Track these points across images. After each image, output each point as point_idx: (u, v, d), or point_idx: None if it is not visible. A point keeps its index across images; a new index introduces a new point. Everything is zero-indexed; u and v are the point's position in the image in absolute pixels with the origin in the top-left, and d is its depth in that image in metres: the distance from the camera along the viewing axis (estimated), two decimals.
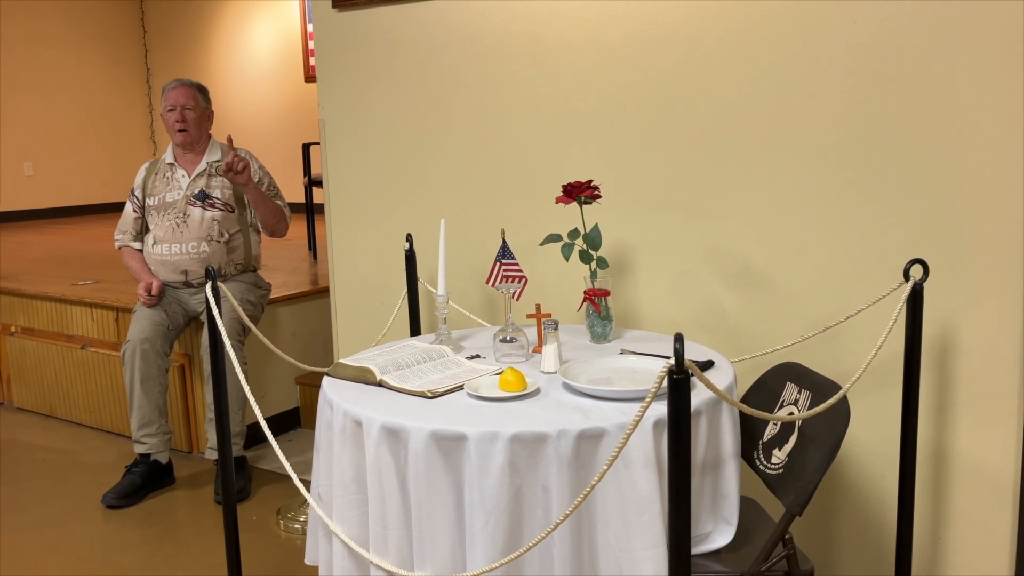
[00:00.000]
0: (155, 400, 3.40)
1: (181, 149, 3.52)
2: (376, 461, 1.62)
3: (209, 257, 3.40)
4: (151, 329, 3.36)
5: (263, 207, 3.40)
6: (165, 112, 3.48)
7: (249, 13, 8.56)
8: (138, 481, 3.31)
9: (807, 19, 2.12)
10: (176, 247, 3.40)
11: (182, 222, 3.40)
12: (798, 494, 1.66)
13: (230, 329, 3.34)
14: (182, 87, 3.47)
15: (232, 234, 3.45)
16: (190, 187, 3.45)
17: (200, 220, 3.40)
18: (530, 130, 2.57)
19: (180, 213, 3.41)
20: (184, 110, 3.44)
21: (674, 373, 1.30)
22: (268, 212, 3.42)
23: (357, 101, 2.89)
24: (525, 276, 2.13)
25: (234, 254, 3.46)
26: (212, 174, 3.47)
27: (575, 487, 1.54)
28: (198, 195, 3.43)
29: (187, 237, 3.39)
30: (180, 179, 3.47)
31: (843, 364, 2.18)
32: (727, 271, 2.32)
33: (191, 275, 3.43)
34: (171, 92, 3.47)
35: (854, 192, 2.12)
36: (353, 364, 1.89)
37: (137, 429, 3.37)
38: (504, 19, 2.55)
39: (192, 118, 3.45)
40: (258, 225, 3.54)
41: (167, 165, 3.52)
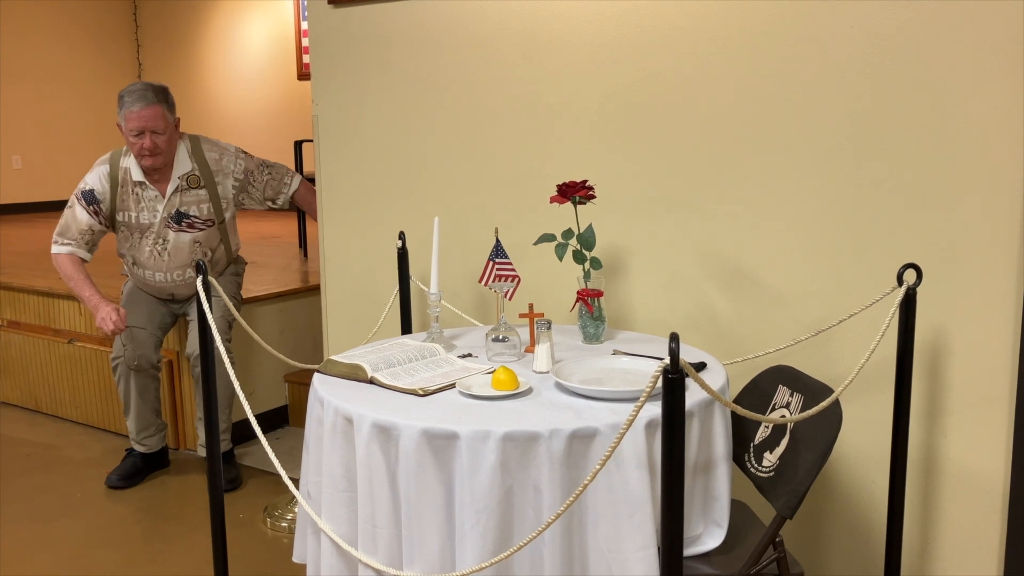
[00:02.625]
0: (151, 405, 3.39)
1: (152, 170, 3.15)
2: (366, 459, 1.61)
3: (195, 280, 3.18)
4: (141, 342, 3.28)
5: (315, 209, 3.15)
6: (128, 135, 3.03)
7: (242, 9, 8.53)
8: (139, 463, 3.41)
9: (803, 23, 2.12)
10: (160, 275, 3.23)
11: (162, 249, 3.18)
12: (789, 497, 1.65)
13: (220, 327, 3.26)
14: (148, 107, 2.99)
15: (215, 248, 3.28)
16: (166, 208, 3.15)
17: (182, 246, 3.19)
18: (525, 129, 2.57)
19: (159, 238, 3.18)
20: (153, 136, 3.02)
21: (669, 373, 1.29)
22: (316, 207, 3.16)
23: (351, 98, 2.87)
24: (518, 275, 2.12)
25: (219, 265, 3.34)
26: (185, 188, 3.16)
27: (566, 487, 1.53)
28: (175, 217, 3.15)
29: (171, 265, 3.21)
30: (153, 201, 3.15)
31: (836, 368, 2.18)
32: (720, 273, 2.32)
33: (179, 295, 3.33)
34: (135, 114, 2.99)
35: (848, 196, 2.12)
36: (344, 361, 1.88)
37: (136, 433, 3.39)
38: (499, 18, 2.55)
39: (163, 141, 3.05)
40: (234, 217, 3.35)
41: (135, 183, 3.15)
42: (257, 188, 3.29)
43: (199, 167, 3.17)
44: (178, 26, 9.09)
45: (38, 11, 8.68)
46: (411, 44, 2.72)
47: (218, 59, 8.82)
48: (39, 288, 4.22)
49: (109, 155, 3.21)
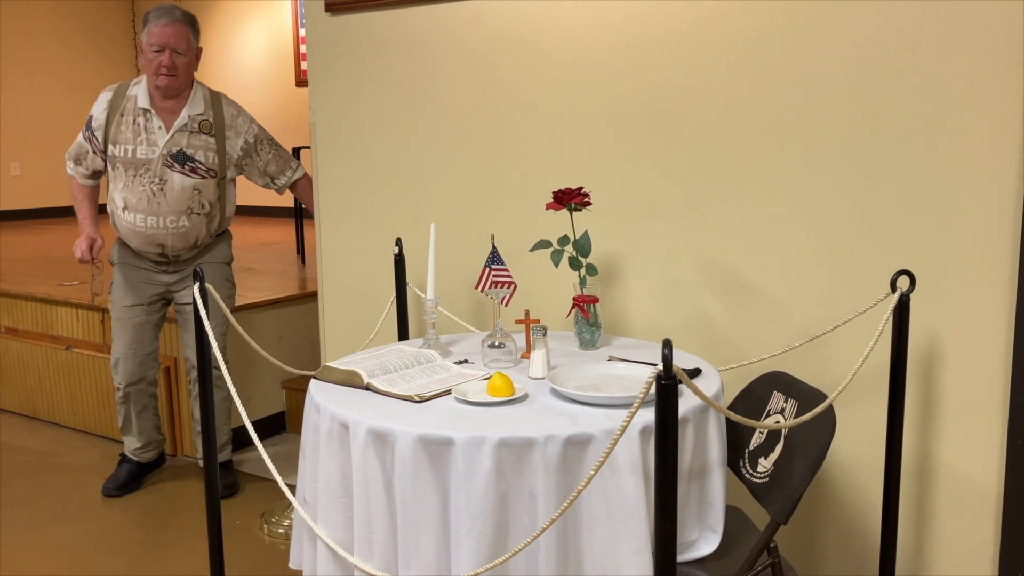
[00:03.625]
0: (152, 421, 3.36)
1: (160, 93, 2.98)
2: (362, 464, 1.62)
3: (189, 232, 3.03)
4: (137, 365, 3.20)
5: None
6: (149, 50, 2.93)
7: (241, 16, 8.55)
8: (135, 470, 3.37)
9: (798, 32, 2.14)
10: (153, 219, 2.97)
11: (159, 190, 2.94)
12: (783, 503, 1.66)
13: (216, 328, 3.16)
14: (174, 24, 2.91)
15: (213, 203, 3.08)
16: (168, 144, 2.94)
17: (180, 189, 2.96)
18: (521, 136, 2.58)
19: (156, 177, 2.94)
20: (174, 54, 2.92)
21: (662, 379, 1.30)
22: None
23: (349, 105, 2.88)
24: (514, 282, 2.13)
25: (213, 223, 3.12)
26: (194, 130, 2.98)
27: (561, 493, 1.54)
28: (177, 156, 2.94)
29: (165, 209, 2.96)
30: (156, 132, 2.95)
31: (830, 374, 2.19)
32: (715, 280, 2.33)
33: (169, 248, 3.07)
34: (159, 29, 2.91)
35: (842, 203, 2.14)
36: (341, 367, 1.89)
37: (137, 447, 3.36)
38: (496, 26, 2.56)
39: (183, 64, 2.94)
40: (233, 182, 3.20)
41: (140, 110, 2.97)
42: (261, 159, 3.16)
43: (214, 116, 3.04)
44: None
45: (37, 17, 8.70)
46: (408, 51, 2.73)
47: (217, 66, 8.84)
48: (37, 295, 4.23)
49: (119, 84, 3.09)
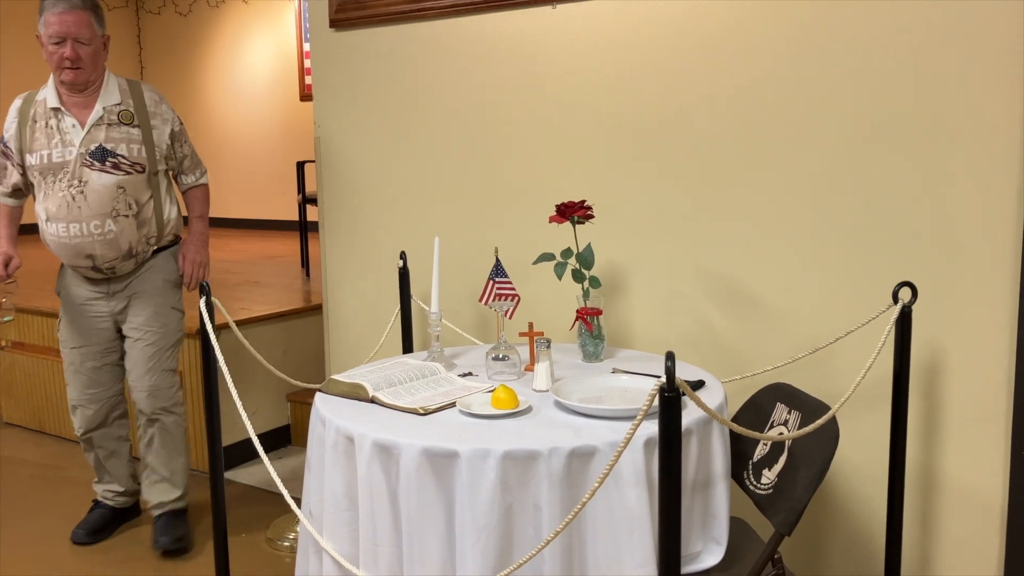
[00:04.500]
0: (125, 468, 3.08)
1: (67, 89, 2.67)
2: (368, 477, 1.62)
3: (118, 237, 2.67)
4: (96, 412, 2.91)
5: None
6: (48, 43, 2.61)
7: (245, 31, 8.60)
8: (108, 514, 3.10)
9: (797, 45, 2.15)
10: (75, 227, 2.64)
11: (78, 193, 2.61)
12: (787, 514, 1.67)
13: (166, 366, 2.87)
14: (72, 12, 2.58)
15: (143, 203, 2.72)
16: (85, 142, 2.63)
17: (102, 189, 2.63)
18: (524, 150, 2.59)
19: (74, 179, 2.62)
20: (76, 44, 2.59)
21: (665, 391, 1.31)
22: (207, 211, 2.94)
23: (353, 120, 2.91)
24: (518, 294, 2.14)
25: (146, 228, 2.75)
26: (113, 123, 2.67)
27: (566, 505, 1.55)
28: (96, 153, 2.62)
29: (87, 214, 2.63)
30: (70, 131, 2.65)
31: (833, 385, 2.19)
32: (718, 292, 2.34)
33: (99, 259, 2.70)
34: (57, 18, 2.57)
35: (844, 215, 2.15)
36: (346, 380, 1.90)
37: (111, 491, 3.10)
38: (499, 41, 2.58)
39: (87, 54, 2.62)
40: (173, 186, 2.90)
41: (49, 110, 2.68)
42: (180, 151, 2.86)
43: (135, 104, 2.72)
44: (181, 47, 9.17)
45: None
46: (412, 66, 2.75)
47: (222, 80, 8.88)
48: (43, 309, 4.24)
49: (28, 92, 2.79)
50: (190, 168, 2.94)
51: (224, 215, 9.01)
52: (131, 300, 2.82)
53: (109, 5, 9.18)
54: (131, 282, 2.82)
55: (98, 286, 2.81)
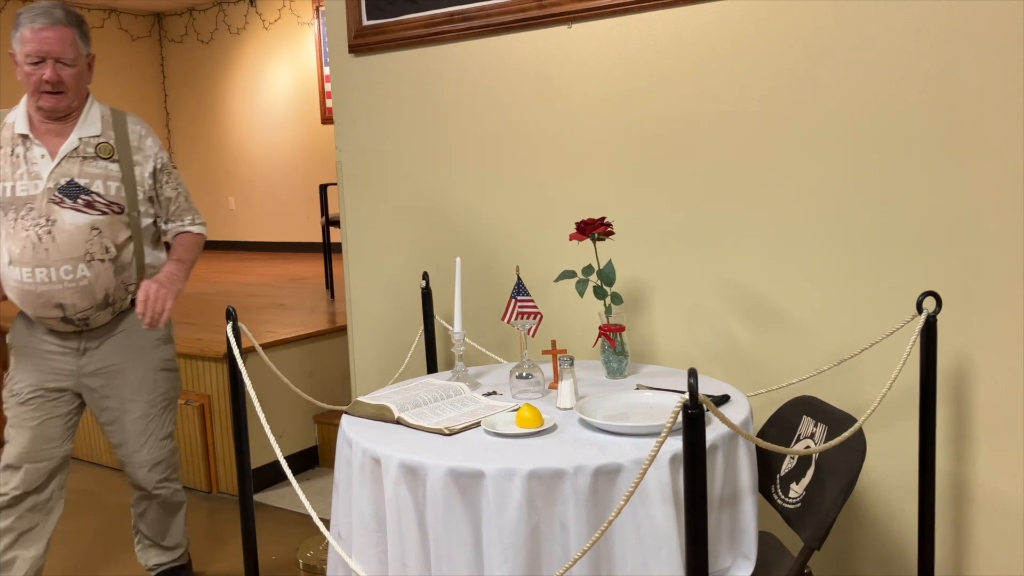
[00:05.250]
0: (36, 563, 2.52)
1: (44, 115, 2.34)
2: (395, 498, 1.63)
3: (93, 284, 2.34)
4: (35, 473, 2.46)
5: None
6: (25, 62, 2.26)
7: (266, 56, 8.72)
8: None
9: (817, 57, 2.15)
10: (42, 272, 2.29)
11: (45, 233, 2.28)
12: (816, 528, 1.66)
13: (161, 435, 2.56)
14: (55, 27, 2.23)
15: (120, 245, 2.39)
16: (54, 175, 2.30)
17: (74, 230, 2.30)
18: (542, 168, 2.61)
19: (42, 217, 2.29)
20: (59, 65, 2.26)
21: (688, 408, 1.31)
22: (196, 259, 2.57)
23: (373, 143, 2.94)
24: (540, 312, 2.15)
25: (125, 273, 2.42)
26: (89, 156, 2.34)
27: (593, 523, 1.55)
28: (67, 189, 2.30)
29: (56, 257, 2.29)
30: (39, 162, 2.31)
31: (859, 397, 2.18)
32: (742, 305, 2.34)
33: (71, 310, 2.35)
34: (35, 34, 2.22)
35: (867, 225, 2.14)
36: (371, 402, 1.92)
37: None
38: (515, 61, 2.60)
39: (71, 76, 2.29)
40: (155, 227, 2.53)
41: (17, 136, 2.33)
42: (164, 192, 2.50)
43: (116, 137, 2.41)
44: (204, 74, 9.30)
45: None
46: (430, 89, 2.78)
47: (244, 105, 9.00)
48: None
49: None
50: (176, 213, 2.54)
51: (249, 238, 9.11)
52: (111, 365, 2.46)
53: (132, 35, 9.35)
54: (108, 340, 2.46)
55: (67, 340, 2.43)
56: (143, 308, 2.29)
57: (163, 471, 2.59)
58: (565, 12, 2.46)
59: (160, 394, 2.55)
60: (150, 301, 2.29)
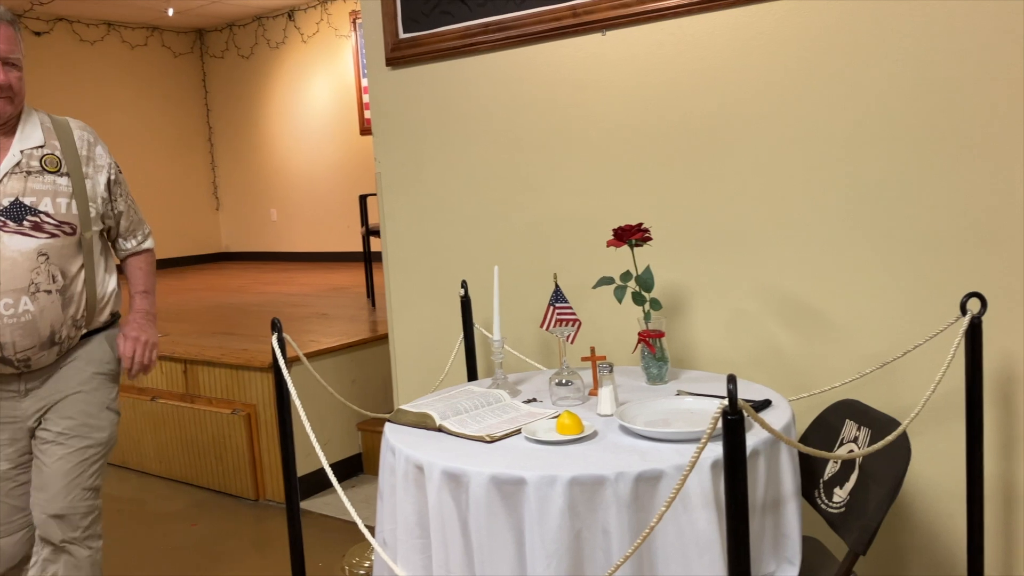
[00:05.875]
0: None
1: None
2: (438, 506, 1.65)
3: (37, 320, 2.05)
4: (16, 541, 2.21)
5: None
6: None
7: (305, 69, 8.84)
8: None
9: (854, 57, 2.14)
10: None
11: None
12: (861, 533, 1.64)
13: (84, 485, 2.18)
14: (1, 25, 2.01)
15: (71, 274, 2.11)
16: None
17: (18, 257, 2.02)
18: (579, 176, 2.62)
19: None
20: (7, 68, 2.03)
21: (728, 414, 1.32)
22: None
23: (411, 154, 2.97)
24: (578, 319, 2.16)
25: (73, 306, 2.13)
26: (34, 171, 2.07)
27: (635, 529, 1.55)
28: (10, 211, 2.03)
29: (2, 288, 2.02)
30: None
31: (903, 400, 2.16)
32: (782, 309, 2.33)
33: (10, 350, 2.04)
34: None
35: (907, 224, 2.12)
36: (413, 410, 1.94)
37: None
38: (551, 68, 2.62)
39: (17, 80, 2.05)
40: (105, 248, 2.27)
41: None
42: (116, 206, 2.25)
43: (62, 146, 2.14)
44: (245, 88, 9.46)
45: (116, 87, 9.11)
46: (466, 99, 2.81)
47: (284, 118, 9.14)
48: None
49: None
50: (130, 229, 2.30)
51: (291, 249, 9.24)
52: (50, 400, 2.16)
53: (175, 52, 9.55)
54: (52, 376, 2.16)
55: (7, 383, 2.13)
56: (130, 364, 2.16)
57: (77, 527, 2.18)
58: (599, 20, 2.48)
59: (99, 439, 2.21)
60: (137, 357, 2.17)
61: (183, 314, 5.43)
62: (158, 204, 9.44)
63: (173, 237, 9.59)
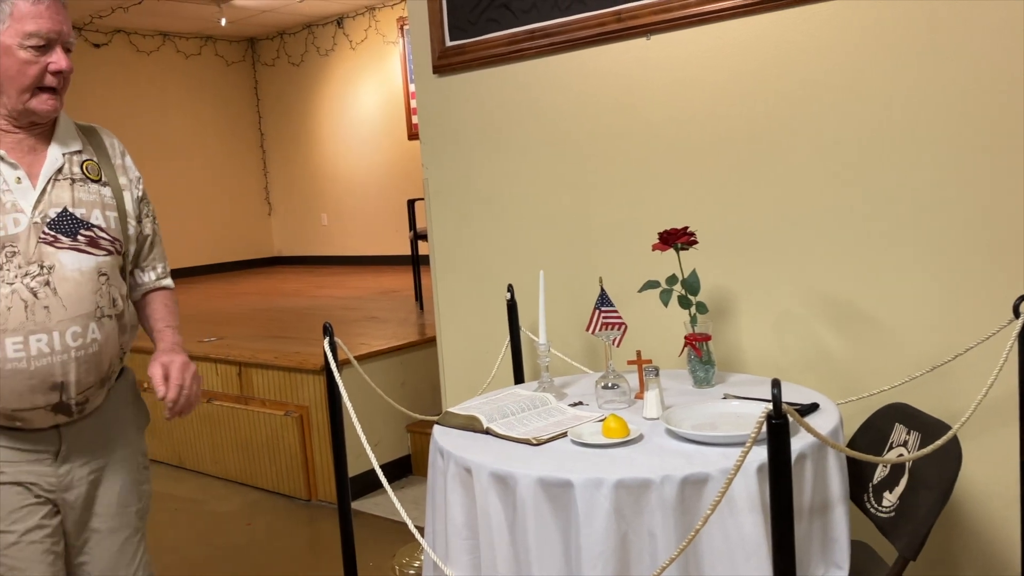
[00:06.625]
0: None
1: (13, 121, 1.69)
2: (486, 507, 1.68)
3: (101, 351, 1.73)
4: None
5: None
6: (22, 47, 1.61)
7: (354, 75, 8.96)
8: None
9: (903, 59, 2.12)
10: (40, 341, 1.64)
11: (43, 284, 1.66)
12: (911, 538, 1.63)
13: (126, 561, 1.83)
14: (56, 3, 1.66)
15: (124, 297, 1.81)
16: (41, 206, 1.69)
17: (79, 278, 1.70)
18: (624, 180, 2.63)
19: (32, 264, 1.66)
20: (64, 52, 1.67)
21: (772, 418, 1.32)
22: None
23: (458, 160, 3.01)
24: (624, 323, 2.17)
25: (125, 335, 1.82)
26: (78, 178, 1.75)
27: (681, 532, 1.56)
28: (62, 223, 1.70)
29: (61, 316, 1.66)
30: (14, 188, 1.67)
31: (954, 404, 2.13)
32: (830, 311, 2.31)
33: (72, 389, 1.70)
34: (38, 7, 1.62)
35: (958, 226, 2.09)
36: (461, 413, 1.97)
37: None
38: (596, 73, 2.64)
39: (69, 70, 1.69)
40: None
41: None
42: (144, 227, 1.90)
43: (97, 153, 1.83)
44: (295, 94, 9.62)
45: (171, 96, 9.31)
46: (512, 105, 2.84)
47: (333, 124, 9.27)
48: None
49: None
50: (153, 257, 1.93)
51: (341, 253, 9.36)
52: (93, 465, 1.79)
53: (228, 60, 9.75)
54: (87, 431, 1.78)
55: (40, 444, 1.72)
56: (177, 396, 1.74)
57: None
58: (644, 25, 2.49)
59: (145, 503, 1.90)
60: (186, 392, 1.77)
61: (237, 318, 5.55)
62: (212, 210, 9.64)
63: (227, 242, 9.78)
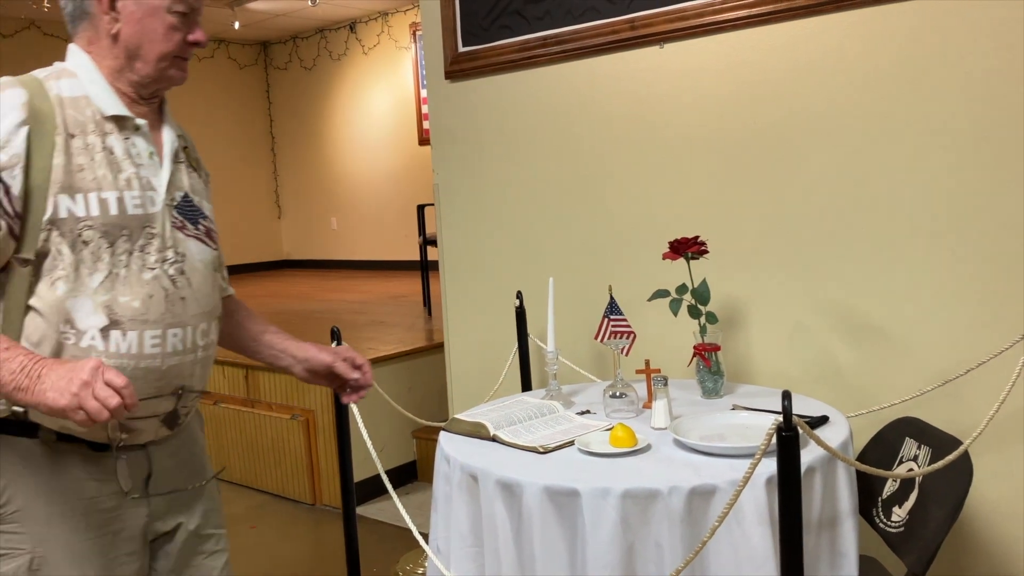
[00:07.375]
0: None
1: (143, 89, 1.48)
2: (491, 515, 1.67)
3: (214, 353, 1.58)
4: None
5: None
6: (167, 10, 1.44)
7: (365, 80, 8.98)
8: None
9: (916, 73, 2.11)
10: (176, 336, 1.44)
11: (179, 274, 1.45)
12: (920, 554, 1.62)
13: None
14: None
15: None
16: (171, 188, 1.49)
17: (203, 269, 1.51)
18: (634, 187, 2.63)
19: (169, 250, 1.45)
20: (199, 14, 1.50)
21: (782, 431, 1.31)
22: None
23: (469, 166, 3.01)
24: (633, 331, 2.16)
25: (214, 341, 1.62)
26: (185, 163, 1.56)
27: (688, 543, 1.55)
28: (186, 209, 1.51)
29: (194, 311, 1.47)
30: (147, 163, 1.46)
31: (965, 419, 2.11)
32: (841, 324, 2.30)
33: (188, 395, 1.50)
34: None
35: (970, 241, 2.08)
36: (468, 419, 1.96)
37: None
38: (609, 81, 2.63)
39: (205, 44, 1.54)
40: None
41: (107, 121, 1.42)
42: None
43: (188, 140, 1.64)
44: (307, 99, 9.65)
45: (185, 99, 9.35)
46: (523, 112, 2.84)
47: (345, 129, 9.29)
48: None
49: (14, 79, 1.39)
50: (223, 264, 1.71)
51: (351, 257, 9.37)
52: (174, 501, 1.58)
53: (240, 63, 9.79)
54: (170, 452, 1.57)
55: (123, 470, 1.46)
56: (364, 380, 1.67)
57: None
58: (657, 33, 2.48)
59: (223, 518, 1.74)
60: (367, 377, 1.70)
61: None
62: (222, 212, 9.54)
63: (236, 245, 9.79)
